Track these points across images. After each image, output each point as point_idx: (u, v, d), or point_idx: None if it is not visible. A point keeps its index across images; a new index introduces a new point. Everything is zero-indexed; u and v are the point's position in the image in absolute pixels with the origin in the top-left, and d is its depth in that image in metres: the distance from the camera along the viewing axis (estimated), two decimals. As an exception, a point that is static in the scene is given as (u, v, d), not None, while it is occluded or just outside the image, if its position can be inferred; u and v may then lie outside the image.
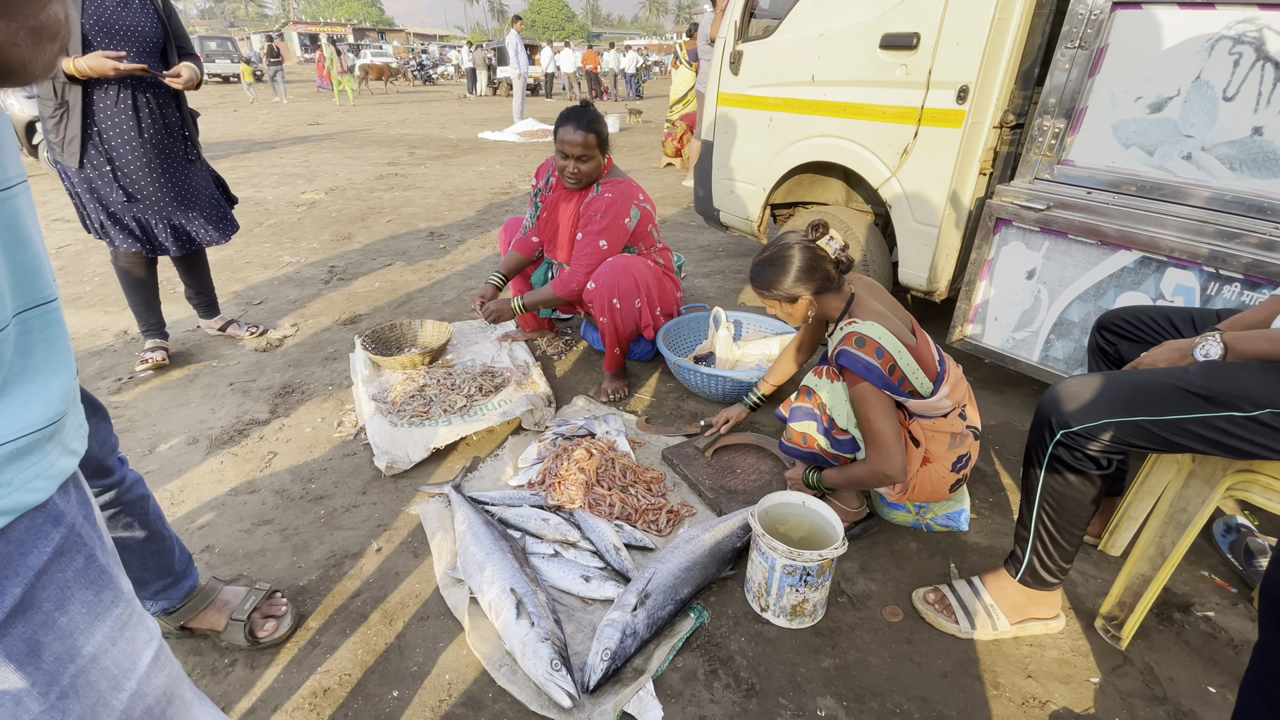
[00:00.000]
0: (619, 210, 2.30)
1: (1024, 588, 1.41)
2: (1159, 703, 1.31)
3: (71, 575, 0.57)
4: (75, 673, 0.57)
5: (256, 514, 1.84)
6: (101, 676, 0.59)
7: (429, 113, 14.15)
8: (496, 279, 2.57)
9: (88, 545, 0.59)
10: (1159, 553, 1.35)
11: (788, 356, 2.04)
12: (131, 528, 1.23)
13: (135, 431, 2.23)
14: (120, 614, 0.62)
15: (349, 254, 4.23)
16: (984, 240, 2.15)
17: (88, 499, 0.62)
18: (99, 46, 2.16)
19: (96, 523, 0.62)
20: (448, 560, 1.62)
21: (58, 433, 0.57)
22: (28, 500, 0.53)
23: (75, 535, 0.58)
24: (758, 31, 2.97)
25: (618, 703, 1.26)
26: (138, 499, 1.23)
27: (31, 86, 2.31)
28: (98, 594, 0.60)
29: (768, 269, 1.57)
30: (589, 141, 2.23)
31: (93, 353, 2.82)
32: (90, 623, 0.59)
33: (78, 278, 3.75)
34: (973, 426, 1.63)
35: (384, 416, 2.15)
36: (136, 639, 0.63)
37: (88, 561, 0.59)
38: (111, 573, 0.62)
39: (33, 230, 0.56)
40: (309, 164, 7.51)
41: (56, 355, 0.57)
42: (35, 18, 0.44)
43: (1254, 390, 1.09)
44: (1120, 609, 1.43)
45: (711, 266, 4.06)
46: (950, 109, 2.24)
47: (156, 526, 1.28)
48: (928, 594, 1.52)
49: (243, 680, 1.35)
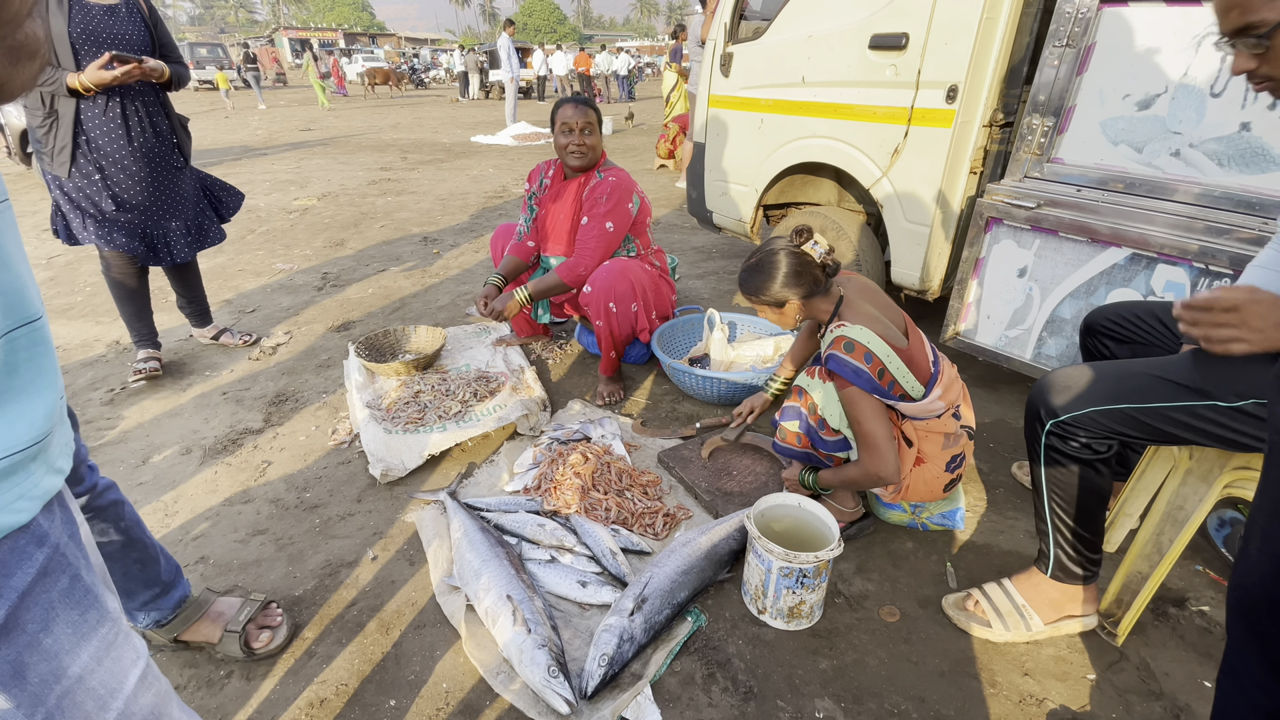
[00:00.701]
0: (623, 194, 2.31)
1: (1057, 583, 1.41)
2: (1155, 698, 1.32)
3: (56, 596, 0.57)
4: (61, 694, 0.57)
5: (251, 524, 1.83)
6: (88, 697, 0.59)
7: (421, 117, 14.13)
8: (497, 279, 2.56)
9: (72, 565, 0.59)
10: (1156, 550, 1.35)
11: (804, 336, 1.99)
12: (106, 534, 1.21)
13: (128, 443, 2.22)
14: (106, 633, 0.61)
15: (342, 260, 4.22)
16: (975, 239, 2.16)
17: (73, 517, 0.62)
18: (87, 55, 2.15)
19: (82, 541, 0.62)
20: (444, 568, 1.62)
21: (43, 452, 0.57)
22: (10, 521, 0.53)
23: (60, 555, 0.58)
24: (748, 33, 2.97)
25: (616, 708, 1.26)
26: (110, 505, 1.21)
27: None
28: (83, 614, 0.59)
29: (754, 275, 1.58)
30: (589, 114, 2.26)
31: (85, 363, 2.80)
32: (76, 643, 0.58)
33: (69, 288, 3.73)
34: (967, 426, 1.64)
35: (378, 423, 2.14)
36: (123, 658, 0.63)
37: (72, 581, 0.59)
38: (97, 592, 0.61)
39: (13, 250, 0.55)
40: (301, 170, 7.49)
41: (42, 374, 0.57)
42: (11, 38, 0.44)
43: (1237, 381, 1.07)
44: (1117, 606, 1.43)
45: (705, 268, 4.06)
46: (940, 108, 2.25)
47: (135, 533, 1.26)
48: (961, 600, 1.51)
49: (239, 692, 1.35)
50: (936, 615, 1.51)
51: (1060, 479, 1.30)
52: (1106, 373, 1.24)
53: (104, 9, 2.19)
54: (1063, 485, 1.30)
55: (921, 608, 1.53)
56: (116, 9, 2.22)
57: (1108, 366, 1.26)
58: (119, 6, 2.22)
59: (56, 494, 0.59)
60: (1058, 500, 1.33)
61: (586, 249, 2.30)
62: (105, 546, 1.22)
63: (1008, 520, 1.82)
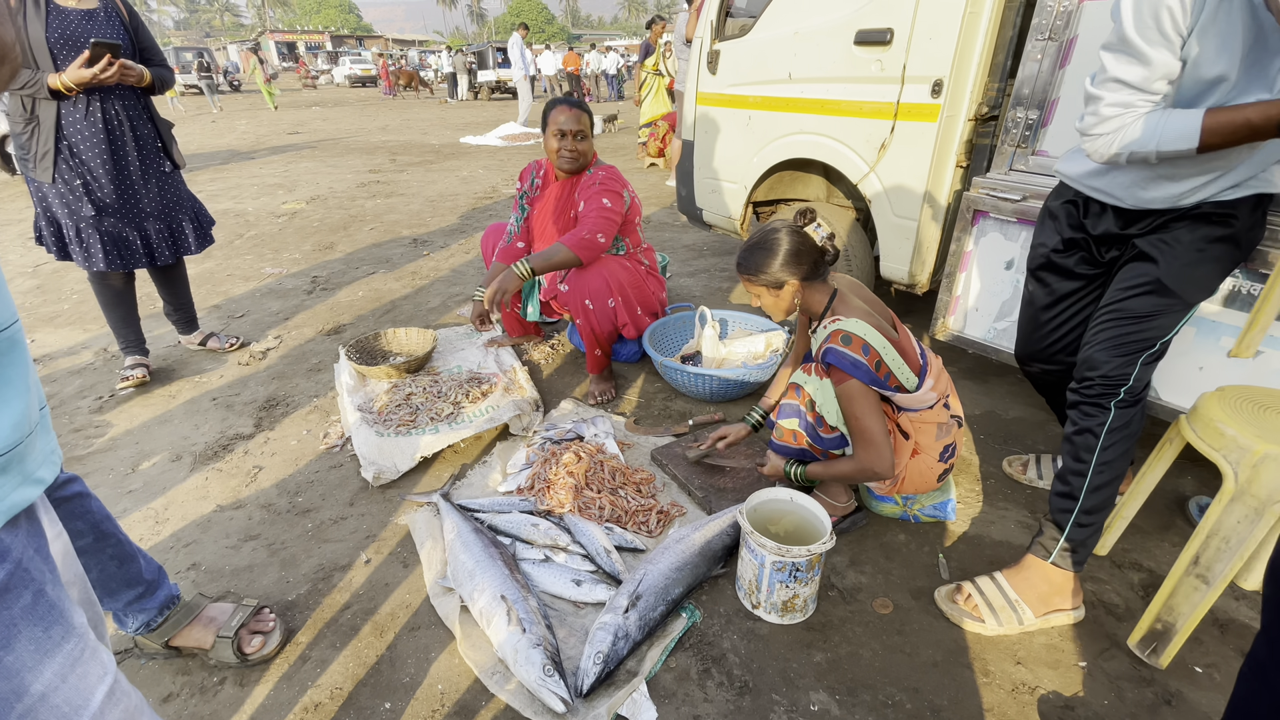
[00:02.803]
0: (616, 185, 2.31)
1: (1048, 576, 1.42)
2: (1146, 684, 1.33)
3: (18, 612, 0.55)
4: (22, 712, 0.56)
5: (243, 529, 1.82)
6: (51, 715, 0.58)
7: (410, 119, 14.07)
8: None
9: (36, 580, 0.57)
10: (1204, 581, 1.27)
11: (787, 370, 1.99)
12: (74, 529, 1.17)
13: (117, 450, 2.20)
14: (71, 650, 0.60)
15: (331, 263, 4.20)
16: (963, 232, 2.17)
17: (41, 530, 0.60)
18: (65, 60, 2.13)
19: (49, 555, 0.60)
20: (438, 569, 1.62)
21: (14, 463, 0.55)
22: None
23: (22, 571, 0.56)
24: (734, 30, 2.98)
25: (611, 706, 1.26)
26: (73, 497, 1.17)
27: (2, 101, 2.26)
28: (46, 630, 0.58)
29: (754, 254, 1.57)
30: (583, 119, 2.25)
31: (72, 371, 2.78)
32: (39, 660, 0.57)
33: (55, 296, 3.70)
34: (956, 416, 1.65)
35: (370, 426, 2.13)
36: (89, 675, 0.61)
37: (35, 597, 0.57)
38: (62, 607, 0.60)
39: None
40: (289, 173, 7.44)
41: (10, 385, 0.55)
42: None
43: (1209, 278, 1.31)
44: (1156, 633, 1.36)
45: (696, 265, 4.06)
46: (925, 103, 2.26)
47: (105, 527, 1.23)
48: (952, 593, 1.51)
49: (232, 699, 1.34)
50: (929, 606, 1.52)
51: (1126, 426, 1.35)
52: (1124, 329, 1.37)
53: (81, 13, 2.17)
54: (1127, 433, 1.35)
55: (914, 599, 1.54)
56: (94, 13, 2.20)
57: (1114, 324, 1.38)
58: (97, 11, 2.20)
59: (26, 507, 0.58)
60: (1111, 452, 1.35)
61: (588, 220, 2.21)
62: (75, 543, 1.17)
63: (999, 511, 1.83)
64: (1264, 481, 1.17)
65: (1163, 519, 1.78)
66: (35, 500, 0.60)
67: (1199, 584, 1.27)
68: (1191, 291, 1.32)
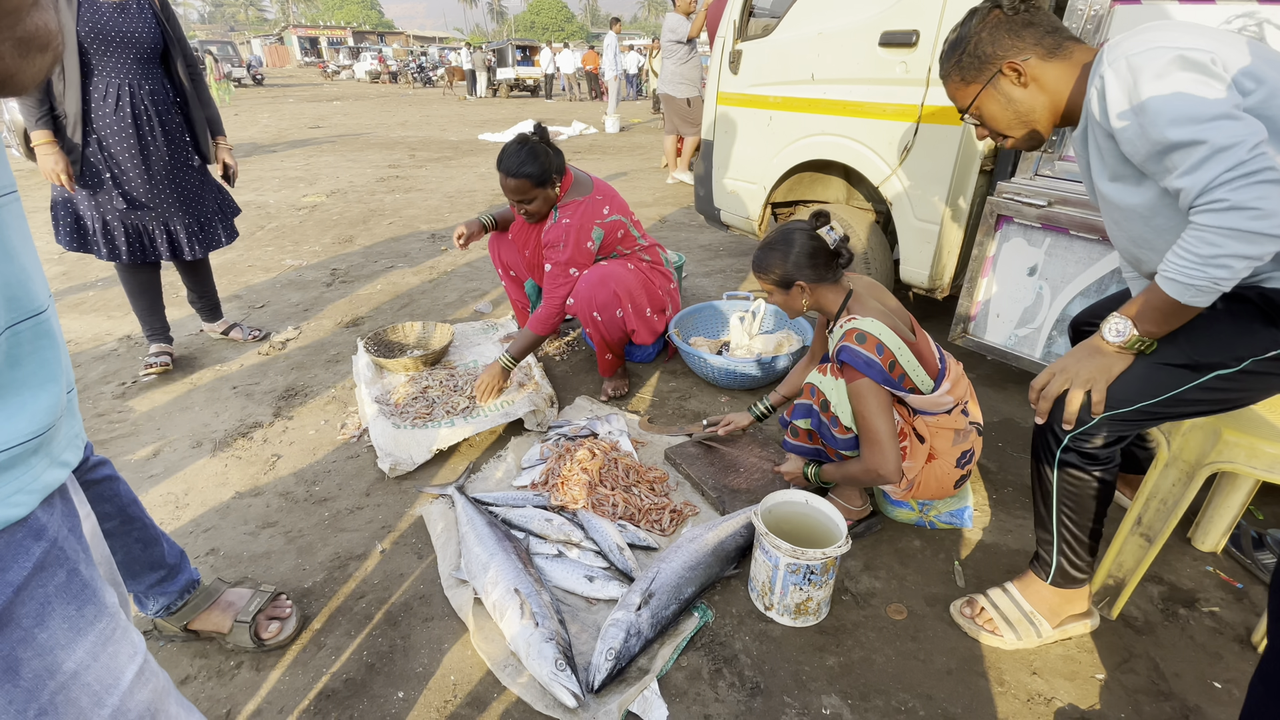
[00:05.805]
0: (579, 235, 2.23)
1: (1055, 589, 1.40)
2: (1165, 699, 1.31)
3: (52, 590, 0.56)
4: (55, 689, 0.56)
5: (261, 516, 1.85)
6: (83, 693, 0.58)
7: (429, 115, 14.17)
8: (486, 218, 2.52)
9: (70, 559, 0.58)
10: (1146, 539, 1.41)
11: (800, 369, 2.00)
12: (102, 511, 1.19)
13: (139, 435, 2.24)
14: (103, 629, 0.60)
15: (350, 256, 4.24)
16: (985, 237, 2.15)
17: (75, 510, 0.61)
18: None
19: (83, 534, 0.61)
20: (452, 561, 1.63)
21: (45, 445, 0.56)
22: (7, 515, 0.52)
23: (58, 549, 0.57)
24: (757, 30, 2.97)
25: (622, 702, 1.26)
26: (103, 480, 1.20)
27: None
28: (80, 609, 0.58)
29: (766, 253, 1.60)
30: (522, 186, 2.13)
31: (96, 357, 2.83)
32: (71, 638, 0.57)
33: (81, 282, 3.76)
34: (975, 422, 1.63)
35: (387, 418, 2.15)
36: (120, 654, 0.62)
37: (70, 576, 0.58)
38: (95, 587, 0.60)
39: (19, 243, 0.55)
40: (310, 167, 7.52)
41: (45, 367, 0.56)
42: (17, 29, 0.43)
43: (1235, 347, 1.13)
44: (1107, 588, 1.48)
45: (713, 265, 4.06)
46: (950, 106, 2.23)
47: (132, 511, 1.25)
48: (963, 607, 1.49)
49: (248, 683, 1.36)
50: (944, 614, 1.51)
51: (1071, 488, 1.29)
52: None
53: (114, 6, 2.18)
54: (1073, 495, 1.30)
55: (929, 606, 1.53)
56: (127, 5, 2.20)
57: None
58: (129, 3, 2.21)
59: (59, 487, 0.59)
60: (1067, 509, 1.32)
61: (554, 297, 2.25)
62: (102, 525, 1.19)
63: (1015, 519, 1.81)
64: (1191, 448, 1.32)
65: (1179, 530, 1.75)
66: (65, 481, 0.61)
67: (1143, 542, 1.41)
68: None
